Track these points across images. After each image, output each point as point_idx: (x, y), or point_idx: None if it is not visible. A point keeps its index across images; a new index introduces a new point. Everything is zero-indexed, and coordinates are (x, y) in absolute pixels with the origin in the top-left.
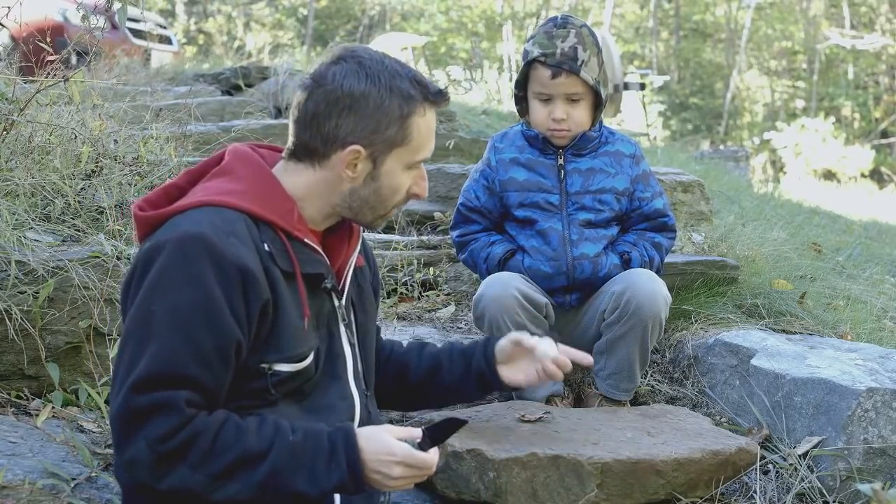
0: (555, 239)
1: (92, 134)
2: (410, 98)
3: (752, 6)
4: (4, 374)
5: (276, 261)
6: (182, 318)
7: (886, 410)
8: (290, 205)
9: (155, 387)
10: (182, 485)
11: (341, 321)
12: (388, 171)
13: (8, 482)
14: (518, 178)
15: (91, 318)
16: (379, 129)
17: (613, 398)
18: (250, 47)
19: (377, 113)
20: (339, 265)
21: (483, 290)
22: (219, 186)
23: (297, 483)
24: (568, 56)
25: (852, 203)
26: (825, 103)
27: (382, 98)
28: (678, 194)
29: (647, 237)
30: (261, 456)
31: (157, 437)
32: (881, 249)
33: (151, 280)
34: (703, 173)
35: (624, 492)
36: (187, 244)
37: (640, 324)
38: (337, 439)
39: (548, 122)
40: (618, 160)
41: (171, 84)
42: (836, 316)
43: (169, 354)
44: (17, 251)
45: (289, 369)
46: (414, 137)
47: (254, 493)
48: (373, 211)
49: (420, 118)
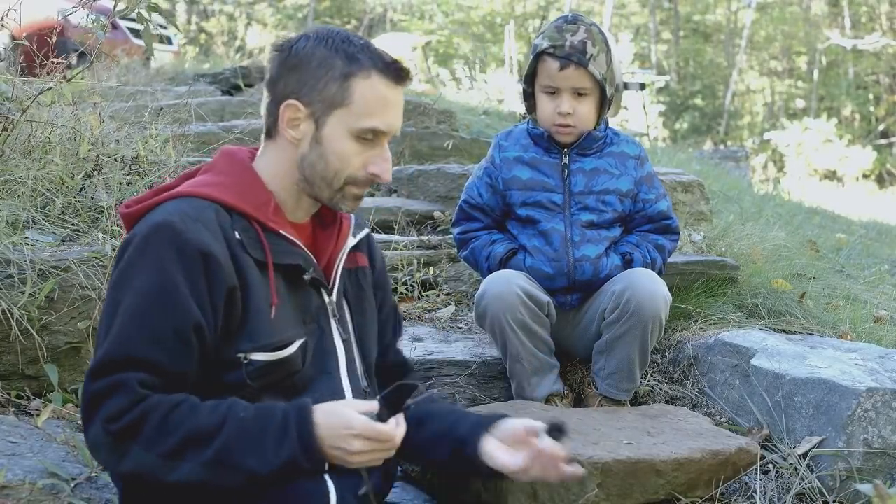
0: (556, 240)
1: (92, 133)
2: (355, 59)
3: (752, 6)
4: (4, 374)
5: (248, 249)
6: (140, 302)
7: (886, 410)
8: (267, 197)
9: (110, 371)
10: (137, 467)
11: (332, 316)
12: (331, 135)
13: (8, 482)
14: (521, 177)
15: (91, 319)
16: (317, 85)
17: (613, 398)
18: (251, 46)
19: (318, 70)
20: (328, 260)
21: (485, 288)
22: (198, 180)
23: (246, 460)
24: (577, 49)
25: (852, 203)
26: (825, 103)
27: (326, 57)
28: (678, 194)
29: (651, 239)
30: (211, 434)
31: (108, 416)
32: (881, 249)
33: (119, 271)
34: (703, 173)
35: (624, 492)
36: (153, 233)
37: (640, 323)
38: (290, 414)
39: (553, 116)
40: (622, 161)
41: (171, 84)
42: (835, 316)
43: (124, 339)
44: (16, 251)
45: (265, 358)
46: (356, 100)
47: (206, 473)
48: (327, 184)
49: (364, 80)
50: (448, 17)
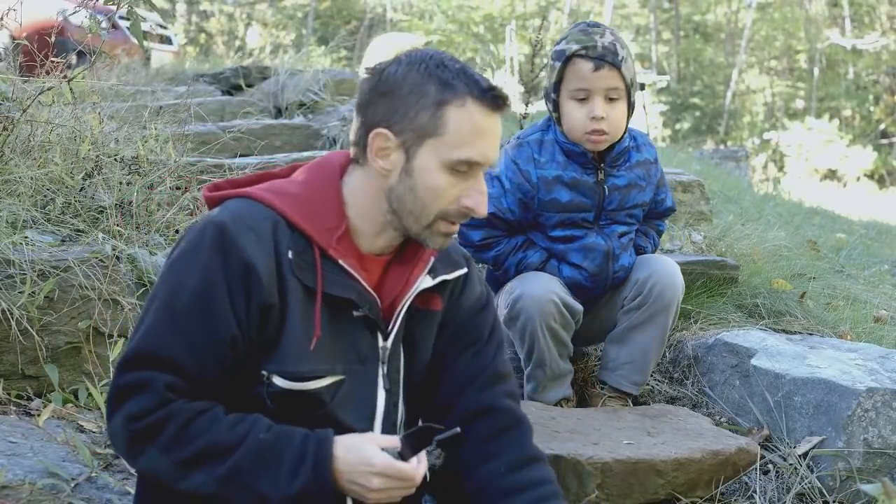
0: (599, 256)
1: (92, 133)
2: (449, 85)
3: (752, 6)
4: (4, 374)
5: (297, 272)
6: (179, 301)
7: (886, 410)
8: (338, 222)
9: (139, 366)
10: (152, 468)
11: (381, 362)
12: (422, 166)
13: (8, 482)
14: (561, 200)
15: (91, 319)
16: (409, 113)
17: (622, 390)
18: (251, 46)
19: (410, 97)
20: (394, 299)
21: (522, 291)
22: (277, 184)
23: (259, 483)
24: (609, 50)
25: (852, 203)
26: (825, 103)
27: (419, 82)
28: (678, 194)
29: (654, 225)
30: (229, 449)
31: (130, 414)
32: (881, 249)
33: (170, 260)
34: (703, 173)
35: (624, 492)
36: (207, 230)
37: (662, 310)
38: (309, 444)
39: (585, 122)
40: (647, 171)
41: (171, 84)
42: (835, 316)
43: (157, 336)
44: (16, 251)
45: (286, 386)
46: (449, 130)
47: (217, 488)
48: (416, 219)
49: (459, 108)
50: (448, 18)
